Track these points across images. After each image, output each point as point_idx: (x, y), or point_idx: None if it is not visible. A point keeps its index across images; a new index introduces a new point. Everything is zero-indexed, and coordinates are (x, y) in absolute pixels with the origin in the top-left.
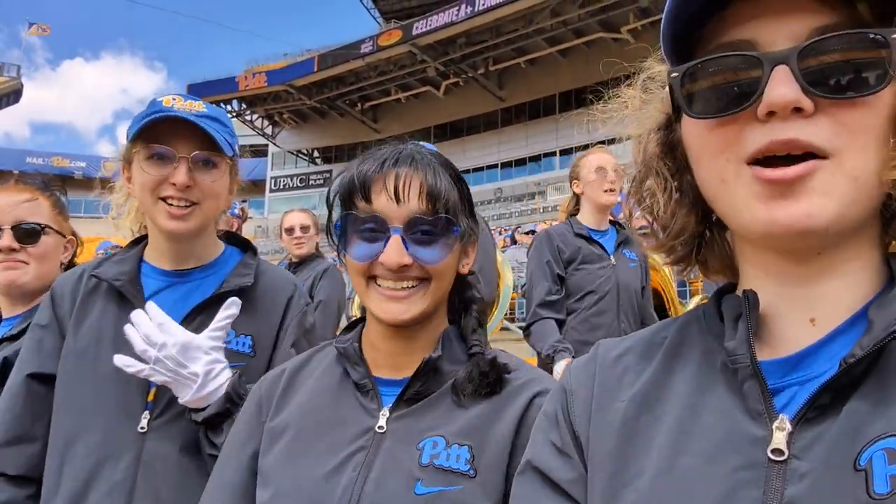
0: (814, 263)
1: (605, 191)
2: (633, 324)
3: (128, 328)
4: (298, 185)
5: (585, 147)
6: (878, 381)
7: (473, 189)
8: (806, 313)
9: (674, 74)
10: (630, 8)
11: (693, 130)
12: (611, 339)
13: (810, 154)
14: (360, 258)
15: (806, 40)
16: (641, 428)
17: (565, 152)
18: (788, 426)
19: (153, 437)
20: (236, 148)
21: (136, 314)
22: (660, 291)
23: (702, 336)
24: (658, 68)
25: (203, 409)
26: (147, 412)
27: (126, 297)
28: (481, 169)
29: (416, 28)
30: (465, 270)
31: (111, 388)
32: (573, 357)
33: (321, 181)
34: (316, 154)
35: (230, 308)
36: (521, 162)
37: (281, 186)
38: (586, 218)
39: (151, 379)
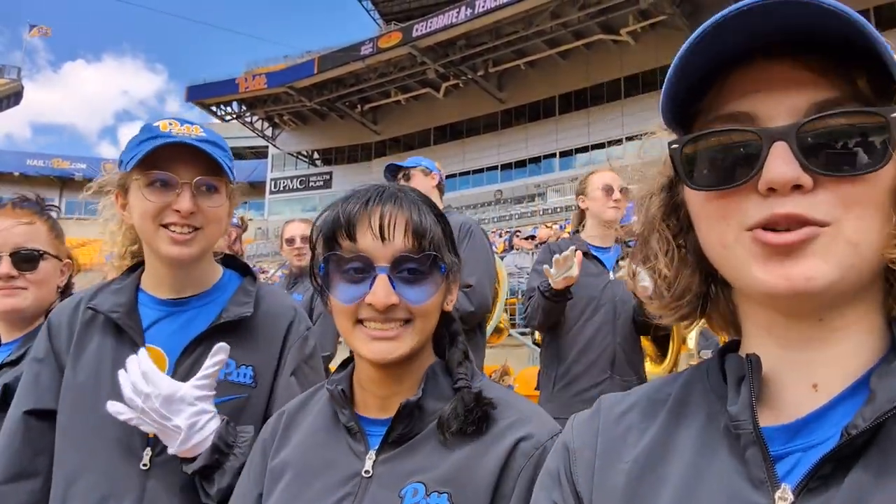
0: (815, 328)
1: (611, 207)
2: (633, 339)
3: (121, 373)
4: (298, 186)
5: (585, 149)
6: (880, 453)
7: (473, 191)
8: (808, 378)
9: (674, 146)
10: (629, 10)
11: (693, 197)
12: (614, 394)
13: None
14: (347, 300)
15: (805, 116)
16: (645, 490)
17: (565, 154)
18: (790, 496)
19: (155, 475)
20: (234, 173)
21: (130, 360)
22: None
23: (705, 396)
24: (660, 133)
25: (194, 460)
26: (149, 448)
27: (123, 330)
28: (481, 171)
29: (416, 30)
30: (449, 307)
31: (112, 425)
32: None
33: (321, 183)
34: (316, 156)
35: (218, 355)
36: (521, 164)
37: (281, 188)
38: (590, 234)
39: (141, 427)
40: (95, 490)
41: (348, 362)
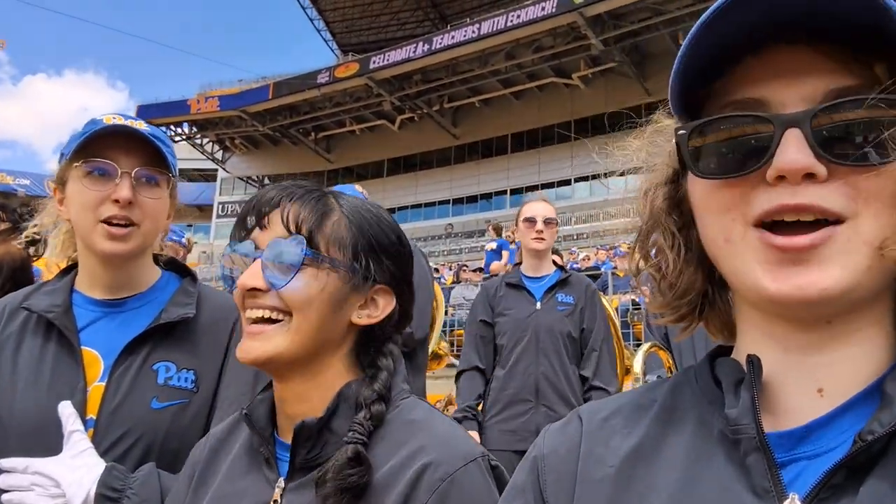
0: (823, 331)
1: (533, 238)
2: (560, 368)
3: None
4: None
5: (535, 188)
6: None
7: (424, 224)
8: (813, 383)
9: (681, 132)
10: (581, 56)
11: (699, 188)
12: (593, 402)
13: (823, 221)
14: (234, 287)
15: (820, 103)
16: (633, 498)
17: (516, 191)
18: None
19: None
20: (176, 169)
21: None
22: None
23: (695, 401)
24: (666, 122)
25: None
26: None
27: (60, 331)
28: (433, 204)
29: (374, 62)
30: (361, 321)
31: (42, 428)
32: (478, 429)
33: None
34: (267, 181)
35: (66, 409)
36: (472, 199)
37: (229, 212)
38: (524, 263)
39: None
40: None
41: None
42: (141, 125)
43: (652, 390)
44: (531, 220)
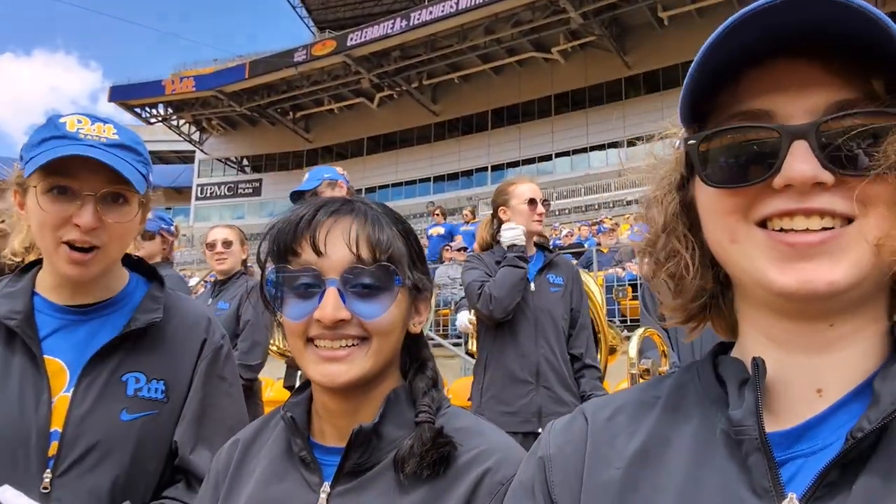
0: (825, 334)
1: (535, 220)
2: (559, 349)
3: None
4: (227, 193)
5: (516, 164)
6: (888, 456)
7: (406, 202)
8: (813, 383)
9: (691, 142)
10: (560, 30)
11: (706, 193)
12: (596, 399)
13: (830, 229)
14: (296, 317)
15: (824, 115)
16: (641, 499)
17: (497, 168)
18: None
19: (57, 497)
20: (150, 178)
21: None
22: (591, 316)
23: (698, 401)
24: (672, 131)
25: None
26: (48, 470)
27: (20, 338)
28: (414, 182)
29: (351, 39)
30: (416, 329)
31: (6, 443)
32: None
33: (250, 190)
34: (245, 162)
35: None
36: (453, 176)
37: (208, 194)
38: None
39: None
40: None
41: (307, 385)
42: (110, 132)
43: (655, 387)
44: (534, 202)
